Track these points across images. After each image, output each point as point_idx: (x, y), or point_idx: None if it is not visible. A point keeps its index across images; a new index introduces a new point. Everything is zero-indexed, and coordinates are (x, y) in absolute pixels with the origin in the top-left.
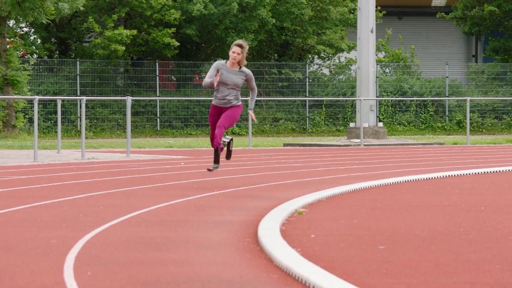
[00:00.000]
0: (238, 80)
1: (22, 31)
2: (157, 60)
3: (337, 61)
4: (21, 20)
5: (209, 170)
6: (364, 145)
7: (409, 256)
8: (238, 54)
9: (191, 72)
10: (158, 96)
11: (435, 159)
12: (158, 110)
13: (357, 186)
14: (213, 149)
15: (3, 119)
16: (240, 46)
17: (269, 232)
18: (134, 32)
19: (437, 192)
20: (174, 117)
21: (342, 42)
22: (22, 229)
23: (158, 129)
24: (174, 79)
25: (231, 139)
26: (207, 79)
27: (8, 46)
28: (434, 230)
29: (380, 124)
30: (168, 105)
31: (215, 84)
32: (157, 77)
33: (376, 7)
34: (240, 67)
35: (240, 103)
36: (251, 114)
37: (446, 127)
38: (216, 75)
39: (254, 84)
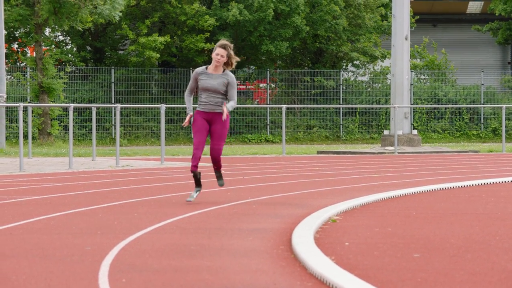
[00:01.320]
0: (220, 85)
1: (58, 39)
2: (191, 68)
3: (372, 69)
4: (57, 28)
5: (188, 200)
6: (398, 152)
7: (444, 265)
8: (222, 56)
9: None
10: (192, 104)
11: (470, 167)
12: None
13: (391, 194)
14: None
15: (39, 126)
16: (224, 47)
17: (303, 240)
18: (168, 38)
19: (473, 200)
20: None
21: (376, 49)
22: (58, 236)
23: (192, 136)
24: None
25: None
26: (186, 99)
27: (44, 54)
28: (469, 238)
29: (415, 132)
30: None
31: (185, 125)
32: None
33: (410, 13)
34: (224, 70)
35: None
36: (224, 108)
37: (481, 134)
38: (187, 119)
39: (234, 93)
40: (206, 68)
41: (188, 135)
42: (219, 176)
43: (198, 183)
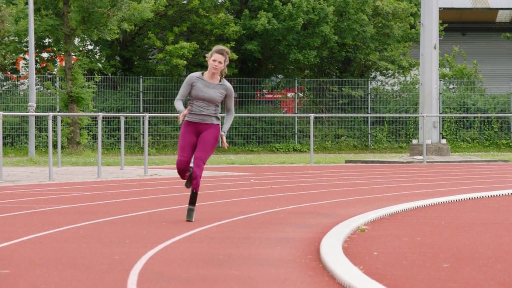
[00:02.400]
0: (217, 95)
1: (87, 49)
2: None
3: (401, 78)
4: (86, 38)
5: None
6: (427, 162)
7: (474, 275)
8: (220, 62)
9: (252, 89)
10: (220, 113)
11: (500, 176)
12: (220, 126)
13: (420, 203)
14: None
15: (68, 136)
16: (222, 53)
17: (331, 249)
18: (195, 45)
19: (502, 209)
20: (235, 134)
21: (404, 58)
22: (86, 245)
23: (220, 145)
24: (236, 95)
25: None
26: (177, 104)
27: (73, 64)
28: (499, 248)
29: (443, 141)
30: None
31: (180, 121)
32: None
33: (439, 22)
34: (220, 79)
35: (218, 122)
36: (223, 138)
37: (511, 144)
38: (183, 113)
39: (232, 104)
40: (202, 74)
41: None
42: (192, 198)
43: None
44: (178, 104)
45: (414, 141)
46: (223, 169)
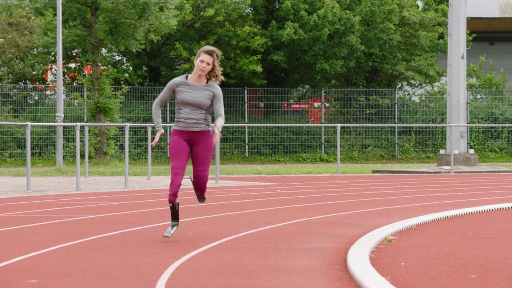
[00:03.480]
0: (204, 99)
1: (114, 59)
2: (246, 87)
3: (428, 88)
4: (113, 49)
5: (165, 236)
6: (455, 172)
7: (502, 286)
8: (208, 64)
9: (279, 99)
10: (247, 123)
11: None
12: (246, 136)
13: (448, 213)
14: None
15: (95, 146)
16: (211, 53)
17: (359, 260)
18: (221, 55)
19: None
20: (262, 144)
21: (431, 68)
22: (114, 255)
23: (247, 155)
24: (262, 105)
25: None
26: (154, 113)
27: (100, 74)
28: None
29: (471, 151)
30: (256, 131)
31: (153, 144)
32: (246, 104)
33: (467, 32)
34: (207, 81)
35: (210, 129)
36: (215, 131)
37: None
38: (155, 140)
39: (221, 108)
40: (186, 77)
41: (242, 154)
42: (200, 197)
43: (175, 217)
44: (155, 114)
45: (442, 151)
46: (250, 179)
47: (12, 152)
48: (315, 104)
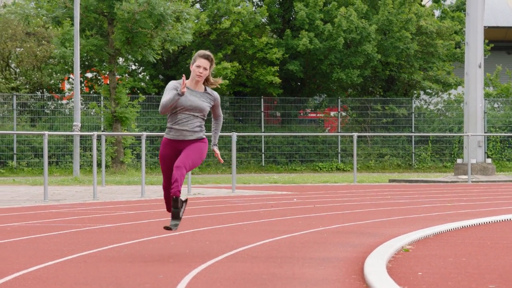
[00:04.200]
0: (204, 104)
1: (131, 68)
2: (262, 96)
3: (445, 97)
4: (130, 58)
5: (166, 228)
6: (472, 181)
7: None
8: (205, 69)
9: (295, 108)
10: (263, 132)
11: None
12: (263, 145)
13: (465, 223)
14: (169, 199)
15: (112, 155)
16: (207, 58)
17: (375, 269)
18: (236, 64)
19: None
20: (278, 153)
21: (448, 77)
22: (131, 264)
23: (263, 164)
24: (279, 115)
25: (186, 200)
26: (164, 100)
27: (117, 83)
28: None
29: (489, 160)
30: (273, 140)
31: (183, 89)
32: (262, 113)
33: (484, 41)
34: (206, 88)
35: (205, 136)
36: (216, 152)
37: None
38: (182, 86)
39: (220, 111)
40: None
41: (258, 163)
42: (175, 211)
43: (175, 214)
44: (168, 100)
45: (459, 161)
46: (266, 188)
47: (30, 161)
48: (332, 113)
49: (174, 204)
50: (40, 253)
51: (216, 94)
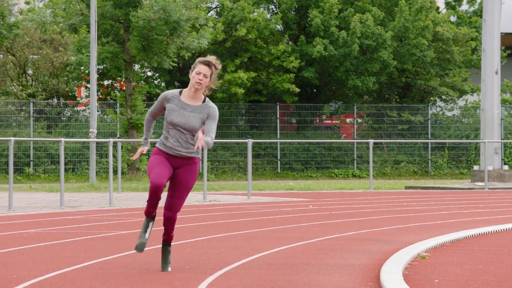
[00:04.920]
0: (197, 122)
1: (146, 75)
2: (278, 103)
3: (461, 103)
4: (146, 65)
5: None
6: (489, 188)
7: None
8: (206, 76)
9: (311, 115)
10: (279, 139)
11: None
12: (278, 152)
13: (482, 230)
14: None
15: (128, 161)
16: (208, 64)
17: (392, 277)
18: (253, 74)
19: None
20: (294, 160)
21: (465, 84)
22: (146, 271)
23: (279, 171)
24: (294, 121)
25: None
26: (145, 123)
27: (133, 90)
28: None
29: (505, 167)
30: (289, 147)
31: (133, 158)
32: (278, 120)
33: (501, 47)
34: (205, 99)
35: (199, 155)
36: (200, 135)
37: None
38: (138, 151)
39: (214, 127)
40: (180, 93)
41: (274, 170)
42: (165, 255)
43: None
44: (147, 126)
45: (476, 167)
46: (282, 195)
47: (46, 168)
48: (347, 120)
49: (165, 251)
50: (56, 259)
51: (214, 107)
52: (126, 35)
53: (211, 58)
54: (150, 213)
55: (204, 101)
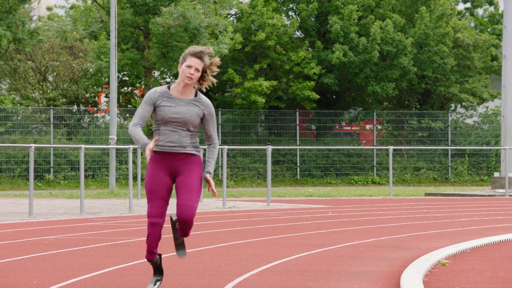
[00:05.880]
0: (192, 116)
1: (166, 81)
2: (297, 109)
3: (481, 110)
4: (165, 71)
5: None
6: (510, 195)
7: None
8: (197, 70)
9: (331, 121)
10: (298, 145)
11: None
12: (298, 159)
13: (503, 237)
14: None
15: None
16: (200, 56)
17: (412, 284)
18: (274, 83)
19: None
20: (313, 166)
21: (485, 90)
22: (166, 278)
23: (298, 178)
24: (314, 128)
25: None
26: (134, 131)
27: None
28: None
29: None
30: (308, 154)
31: (148, 156)
32: (297, 126)
33: None
34: (196, 93)
35: (199, 153)
36: (209, 180)
37: None
38: (149, 146)
39: (214, 129)
40: (169, 88)
41: (293, 176)
42: (179, 244)
43: (159, 271)
44: (136, 131)
45: (496, 174)
46: (302, 201)
47: (66, 175)
48: (367, 126)
49: (179, 242)
50: (76, 266)
51: (208, 102)
52: (146, 42)
53: (204, 49)
54: (152, 255)
55: (196, 94)
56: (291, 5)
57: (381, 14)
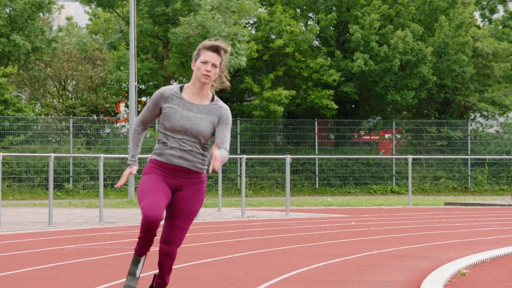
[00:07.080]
0: (206, 126)
1: None
2: (316, 118)
3: (501, 120)
4: (184, 81)
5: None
6: None
7: None
8: (215, 66)
9: (349, 130)
10: (317, 154)
11: None
12: (316, 168)
13: None
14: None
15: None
16: (217, 50)
17: None
18: (293, 92)
19: None
20: (332, 175)
21: (505, 99)
22: (185, 287)
23: (317, 187)
24: (333, 137)
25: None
26: (130, 137)
27: None
28: None
29: None
30: (327, 163)
31: (120, 184)
32: (316, 135)
33: None
34: (213, 97)
35: (205, 171)
36: (216, 153)
37: None
38: (126, 172)
39: (228, 135)
40: (181, 89)
41: (312, 186)
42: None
43: (135, 275)
44: (134, 139)
45: None
46: (320, 211)
47: (85, 184)
48: (386, 136)
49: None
50: (95, 275)
51: (225, 107)
52: (165, 52)
53: (219, 42)
54: (141, 253)
55: (213, 99)
56: (309, 14)
57: (401, 23)
